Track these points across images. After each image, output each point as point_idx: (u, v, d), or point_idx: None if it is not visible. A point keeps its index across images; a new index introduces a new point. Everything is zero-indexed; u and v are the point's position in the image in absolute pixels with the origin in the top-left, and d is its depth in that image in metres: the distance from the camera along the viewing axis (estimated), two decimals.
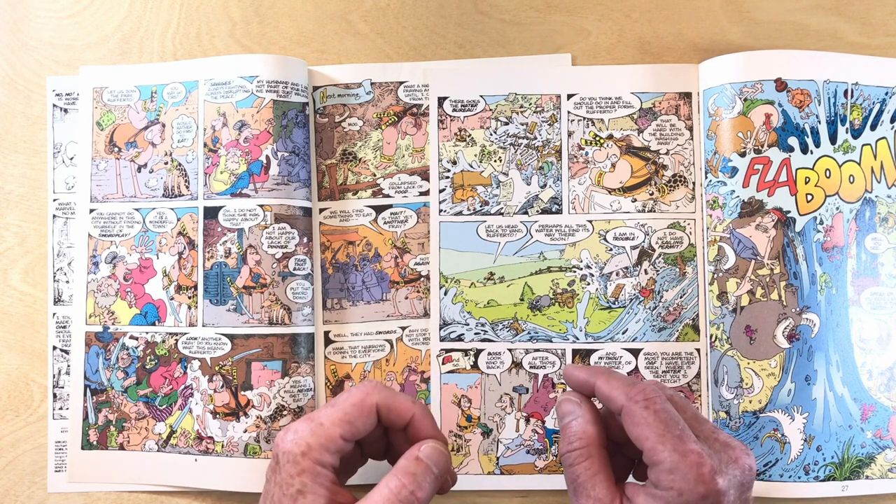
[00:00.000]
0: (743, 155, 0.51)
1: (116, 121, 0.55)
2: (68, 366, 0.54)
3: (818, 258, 0.50)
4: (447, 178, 0.54)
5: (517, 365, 0.53)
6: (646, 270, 0.53)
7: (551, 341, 0.53)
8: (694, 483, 0.34)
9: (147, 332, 0.53)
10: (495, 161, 0.54)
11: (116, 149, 0.55)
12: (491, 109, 0.54)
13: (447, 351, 0.53)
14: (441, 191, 0.54)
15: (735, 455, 0.37)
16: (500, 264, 0.53)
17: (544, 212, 0.53)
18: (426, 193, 0.54)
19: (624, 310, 0.53)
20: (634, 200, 0.53)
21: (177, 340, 0.53)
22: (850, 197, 0.51)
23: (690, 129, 0.53)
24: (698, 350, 0.52)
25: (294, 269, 0.52)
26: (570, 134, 0.54)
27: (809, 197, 0.51)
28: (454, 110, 0.54)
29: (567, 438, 0.39)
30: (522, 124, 0.54)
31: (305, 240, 0.53)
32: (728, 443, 0.37)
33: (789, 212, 0.50)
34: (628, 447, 0.40)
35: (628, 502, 0.36)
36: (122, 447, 0.53)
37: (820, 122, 0.51)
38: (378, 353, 0.53)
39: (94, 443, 0.53)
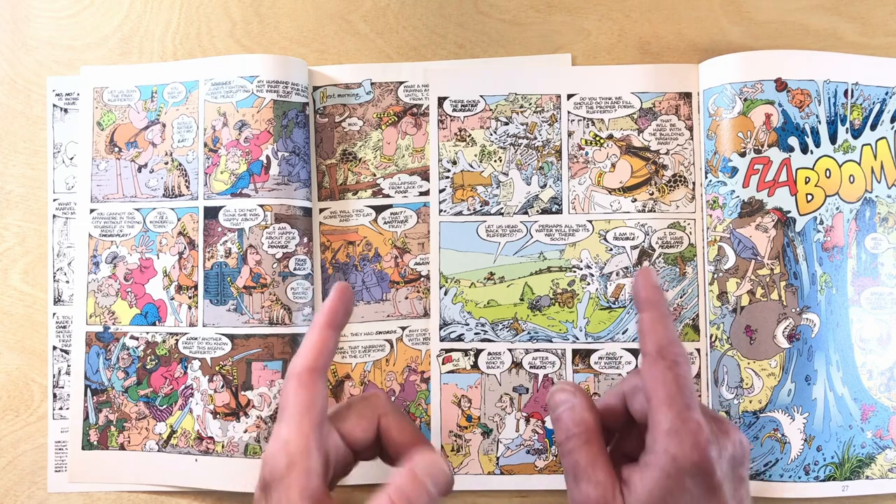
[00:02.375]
0: (743, 155, 0.51)
1: (117, 121, 0.55)
2: (68, 366, 0.54)
3: (818, 258, 0.50)
4: (447, 178, 0.54)
5: (517, 365, 0.53)
6: None
7: (551, 341, 0.53)
8: (689, 450, 0.35)
9: (147, 332, 0.53)
10: (495, 161, 0.54)
11: (117, 149, 0.55)
12: (491, 109, 0.54)
13: (447, 351, 0.53)
14: (441, 191, 0.54)
15: (725, 428, 0.37)
16: (500, 264, 0.53)
17: (544, 212, 0.53)
18: (426, 193, 0.54)
19: (624, 310, 0.53)
20: (634, 200, 0.53)
21: (177, 340, 0.53)
22: (851, 197, 0.51)
23: (690, 129, 0.53)
24: (698, 350, 0.52)
25: (294, 269, 0.52)
26: (570, 134, 0.54)
27: (809, 197, 0.51)
28: (454, 110, 0.54)
29: (564, 426, 0.39)
30: (522, 124, 0.54)
31: (305, 240, 0.53)
32: (718, 417, 0.38)
33: (789, 212, 0.50)
34: (625, 440, 0.40)
35: (625, 484, 0.36)
36: (122, 447, 0.53)
37: (820, 122, 0.51)
38: (378, 353, 0.53)
39: (95, 443, 0.53)
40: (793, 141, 0.51)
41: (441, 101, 0.54)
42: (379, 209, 0.54)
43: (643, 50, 0.54)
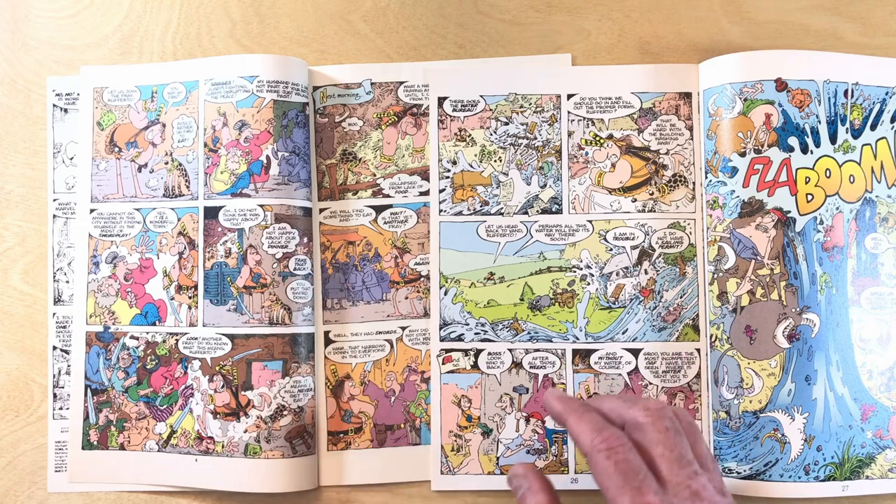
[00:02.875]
0: (743, 155, 0.51)
1: (117, 121, 0.55)
2: (68, 366, 0.54)
3: (818, 258, 0.50)
4: (447, 178, 0.54)
5: (517, 365, 0.53)
6: (646, 270, 0.53)
7: (551, 341, 0.53)
8: None
9: (147, 332, 0.53)
10: (495, 161, 0.54)
11: (117, 149, 0.55)
12: (491, 109, 0.54)
13: (447, 351, 0.53)
14: (441, 191, 0.54)
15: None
16: (500, 264, 0.53)
17: (544, 212, 0.53)
18: (426, 193, 0.54)
19: (624, 310, 0.53)
20: (634, 200, 0.53)
21: (177, 340, 0.53)
22: (851, 197, 0.51)
23: (690, 129, 0.53)
24: (698, 350, 0.52)
25: (294, 269, 0.52)
26: (570, 134, 0.54)
27: (809, 197, 0.51)
28: (454, 110, 0.54)
29: None
30: (522, 124, 0.54)
31: (305, 240, 0.53)
32: (699, 493, 0.38)
33: (789, 212, 0.50)
34: None
35: None
36: (122, 447, 0.53)
37: (820, 122, 0.51)
38: (378, 353, 0.54)
39: (95, 443, 0.53)
40: (793, 141, 0.51)
41: (441, 101, 0.54)
42: (379, 209, 0.54)
43: (643, 50, 0.54)
